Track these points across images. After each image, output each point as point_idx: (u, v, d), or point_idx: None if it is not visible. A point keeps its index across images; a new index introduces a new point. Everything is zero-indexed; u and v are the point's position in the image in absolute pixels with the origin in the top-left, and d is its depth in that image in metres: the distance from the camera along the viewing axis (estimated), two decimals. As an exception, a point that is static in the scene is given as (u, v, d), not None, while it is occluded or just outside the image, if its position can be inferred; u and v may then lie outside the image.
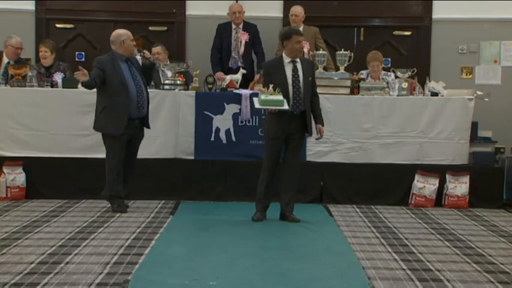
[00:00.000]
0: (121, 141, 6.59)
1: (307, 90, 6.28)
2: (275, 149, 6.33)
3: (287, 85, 6.23)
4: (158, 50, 8.33)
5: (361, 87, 7.63)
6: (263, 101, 6.18)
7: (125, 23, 9.30)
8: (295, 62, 6.31)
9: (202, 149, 7.45)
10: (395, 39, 9.51)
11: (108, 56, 6.67)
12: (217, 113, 7.43)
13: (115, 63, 6.57)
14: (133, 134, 6.68)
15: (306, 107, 6.27)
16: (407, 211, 7.13)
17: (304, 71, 6.30)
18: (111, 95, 6.51)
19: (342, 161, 7.51)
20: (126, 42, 6.66)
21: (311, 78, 6.33)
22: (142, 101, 6.65)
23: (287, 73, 6.27)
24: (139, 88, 6.64)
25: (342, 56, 7.71)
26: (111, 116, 6.51)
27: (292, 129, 6.27)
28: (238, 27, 8.68)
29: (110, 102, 6.51)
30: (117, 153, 6.61)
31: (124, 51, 6.66)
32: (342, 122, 7.50)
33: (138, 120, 6.69)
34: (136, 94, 6.60)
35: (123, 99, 6.51)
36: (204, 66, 8.42)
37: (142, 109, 6.67)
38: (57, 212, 6.62)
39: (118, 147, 6.61)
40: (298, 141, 6.36)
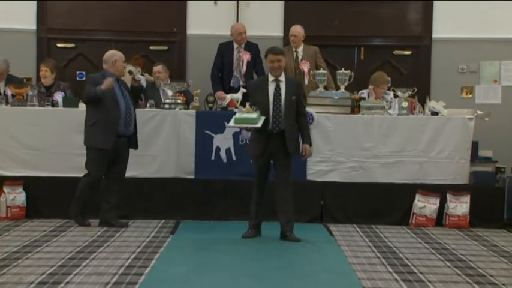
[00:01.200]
0: (106, 156, 6.72)
1: (288, 110, 6.32)
2: (260, 167, 6.40)
3: (268, 104, 6.31)
4: (159, 69, 8.39)
5: (362, 106, 7.67)
6: (236, 119, 6.30)
7: (126, 43, 9.41)
8: (278, 81, 6.38)
9: (202, 168, 7.48)
10: (396, 58, 9.56)
11: (100, 74, 6.89)
12: (217, 132, 7.46)
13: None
14: (118, 152, 6.81)
15: (286, 126, 6.31)
16: (408, 231, 7.14)
17: (288, 90, 6.35)
18: (102, 110, 6.69)
19: (343, 180, 7.52)
20: (117, 63, 6.90)
21: (295, 97, 6.36)
22: (130, 119, 6.85)
23: (269, 92, 6.34)
24: (128, 106, 6.86)
25: (342, 75, 7.76)
26: (101, 130, 6.69)
27: (273, 148, 6.33)
28: (241, 47, 8.73)
29: (101, 117, 6.69)
30: (100, 168, 6.77)
31: (115, 71, 6.89)
32: (342, 141, 7.53)
33: (124, 138, 6.82)
34: (125, 112, 6.79)
35: (114, 115, 6.72)
36: (204, 85, 8.47)
37: (130, 127, 6.86)
38: (57, 232, 6.63)
39: (102, 162, 6.75)
40: (284, 160, 6.37)
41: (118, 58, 6.91)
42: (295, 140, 6.38)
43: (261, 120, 6.21)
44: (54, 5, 9.42)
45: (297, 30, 8.62)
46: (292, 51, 8.67)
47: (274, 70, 6.38)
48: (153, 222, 7.19)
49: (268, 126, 6.29)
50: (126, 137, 6.89)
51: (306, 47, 8.68)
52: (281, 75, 6.40)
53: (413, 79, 9.24)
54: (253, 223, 6.50)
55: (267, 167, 6.42)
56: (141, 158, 7.39)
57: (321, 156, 7.51)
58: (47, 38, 9.44)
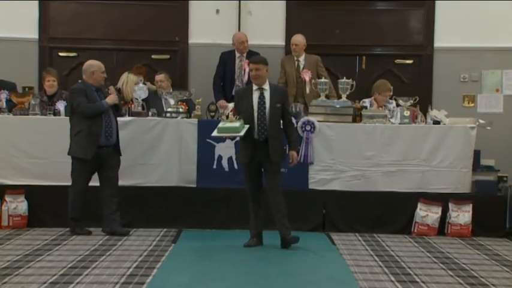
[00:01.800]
0: (88, 165, 6.83)
1: (273, 118, 6.39)
2: (249, 175, 6.48)
3: (252, 112, 6.40)
4: (161, 77, 8.41)
5: (363, 115, 7.68)
6: (219, 129, 6.44)
7: (128, 51, 9.44)
8: (262, 89, 6.46)
9: (204, 176, 7.49)
10: (397, 67, 9.58)
11: (82, 84, 7.00)
12: (219, 141, 7.46)
13: (88, 92, 6.90)
14: (102, 161, 6.89)
15: (270, 134, 6.37)
16: (410, 240, 7.14)
17: (272, 98, 6.42)
18: (86, 121, 6.82)
19: (344, 189, 7.53)
20: (95, 74, 7.02)
21: (280, 105, 6.42)
22: (111, 131, 6.97)
23: (253, 100, 6.43)
24: (108, 118, 6.97)
25: (343, 84, 7.78)
26: (84, 140, 6.82)
27: (260, 156, 6.41)
28: (242, 56, 8.75)
29: (84, 128, 6.82)
30: (83, 177, 6.89)
31: (93, 81, 7.01)
32: (344, 150, 7.54)
33: (107, 148, 6.93)
34: (105, 124, 6.91)
35: (97, 126, 6.85)
36: (206, 94, 8.49)
37: (111, 138, 6.98)
38: (59, 241, 6.64)
39: (84, 172, 6.88)
40: (271, 167, 6.42)
41: (96, 69, 7.01)
42: (279, 148, 6.45)
43: (244, 129, 6.33)
44: (56, 14, 9.45)
45: (299, 39, 8.64)
46: (293, 60, 8.70)
47: (254, 78, 6.50)
48: (155, 230, 7.20)
49: (254, 134, 6.38)
50: (109, 147, 6.97)
51: (308, 56, 8.71)
52: (265, 84, 6.49)
53: (415, 88, 9.23)
54: (254, 232, 6.54)
55: (257, 174, 6.49)
56: (143, 167, 7.41)
57: (322, 165, 7.53)
58: (49, 47, 9.46)
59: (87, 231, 6.93)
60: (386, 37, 9.49)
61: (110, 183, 6.98)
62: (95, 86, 7.00)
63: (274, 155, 6.37)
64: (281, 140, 6.49)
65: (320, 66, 8.71)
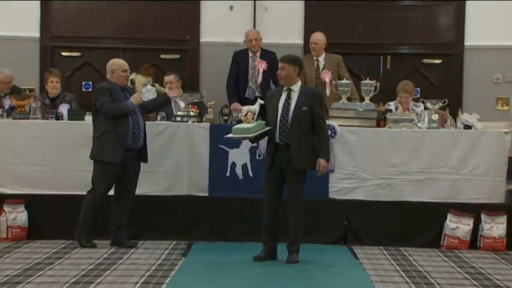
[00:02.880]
0: (113, 170, 6.79)
1: (296, 121, 6.37)
2: (269, 181, 6.47)
3: (276, 114, 6.43)
4: (171, 79, 8.42)
5: (388, 119, 7.66)
6: (234, 130, 6.51)
7: (135, 51, 9.49)
8: (290, 90, 6.48)
9: (216, 185, 7.50)
10: (425, 67, 9.56)
11: (106, 83, 7.01)
12: (233, 147, 7.48)
13: (113, 91, 6.90)
14: (127, 167, 6.88)
15: (292, 139, 6.34)
16: (439, 254, 7.10)
17: (299, 100, 6.41)
18: (111, 122, 6.80)
19: (368, 198, 7.51)
20: (115, 73, 7.00)
21: (307, 108, 6.39)
22: (139, 132, 6.94)
23: (280, 102, 6.45)
24: (136, 119, 6.94)
25: (367, 85, 7.76)
26: (110, 142, 6.78)
27: (281, 161, 6.40)
28: (256, 55, 8.77)
29: (110, 129, 6.79)
30: (107, 183, 6.86)
31: (116, 80, 7.01)
32: (367, 156, 7.52)
33: (132, 152, 6.89)
34: (134, 124, 6.87)
35: (123, 127, 6.82)
36: (219, 96, 8.51)
37: (138, 140, 6.94)
38: (61, 254, 6.66)
39: (109, 177, 6.84)
40: (292, 175, 6.39)
41: (116, 68, 7.01)
42: (305, 155, 6.39)
43: (258, 131, 6.36)
44: (59, 11, 9.53)
45: (318, 38, 8.64)
46: (312, 60, 8.69)
47: (279, 79, 6.56)
48: (164, 243, 7.20)
49: (276, 137, 6.38)
50: (135, 150, 6.94)
51: (328, 56, 8.71)
52: (294, 85, 6.48)
53: (444, 90, 9.23)
54: (266, 245, 6.51)
55: (276, 181, 6.46)
56: (151, 175, 7.42)
57: (344, 172, 7.51)
58: (51, 46, 9.54)
59: (92, 243, 6.92)
60: (413, 35, 9.49)
61: (128, 194, 6.96)
62: (120, 86, 6.99)
63: (296, 161, 6.34)
64: (307, 147, 6.43)
65: (341, 66, 8.71)
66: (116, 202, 6.95)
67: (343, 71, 8.69)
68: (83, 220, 6.87)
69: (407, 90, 8.11)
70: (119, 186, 6.97)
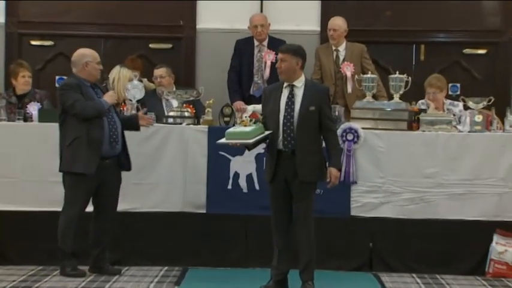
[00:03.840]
0: (89, 184, 6.76)
1: (303, 123, 6.31)
2: (274, 196, 6.43)
3: (278, 115, 6.37)
4: (161, 72, 8.46)
5: (422, 120, 7.67)
6: (228, 134, 6.43)
7: (119, 39, 9.54)
8: (293, 86, 6.42)
9: (216, 200, 7.52)
10: (466, 59, 9.57)
11: (74, 79, 6.93)
12: (236, 154, 7.50)
13: (83, 88, 6.85)
14: (105, 177, 6.84)
15: (299, 145, 6.32)
16: (484, 283, 7.11)
17: (305, 98, 6.38)
18: (82, 126, 6.73)
19: (397, 216, 7.52)
20: (89, 66, 6.94)
21: (315, 107, 6.36)
22: (116, 135, 6.89)
23: (281, 100, 6.41)
24: (112, 119, 6.89)
25: (396, 80, 7.77)
26: (83, 150, 6.71)
27: (286, 172, 6.34)
28: (262, 44, 8.81)
29: (82, 134, 6.72)
30: (82, 200, 6.82)
31: (87, 75, 6.94)
32: (396, 165, 7.53)
33: (110, 159, 6.87)
34: (109, 127, 6.84)
35: (97, 130, 6.76)
36: (219, 93, 8.57)
37: (116, 145, 6.90)
38: (30, 282, 6.66)
39: (84, 192, 6.80)
40: (300, 189, 6.36)
41: (90, 60, 6.95)
42: (312, 164, 6.35)
43: (257, 136, 6.30)
44: (28, -9, 9.59)
45: (337, 24, 8.67)
46: (331, 50, 8.74)
47: (279, 73, 6.50)
48: (153, 269, 7.23)
49: (278, 144, 6.37)
50: (113, 158, 6.95)
51: (350, 45, 8.73)
52: (297, 80, 6.44)
53: (489, 85, 9.23)
54: (276, 272, 6.49)
55: (283, 197, 6.41)
56: (137, 188, 7.45)
57: (369, 185, 7.52)
58: (18, 33, 9.57)
59: (80, 271, 6.85)
60: (452, 20, 9.50)
61: (109, 209, 6.94)
62: (90, 82, 6.97)
63: (303, 172, 6.31)
64: (316, 154, 6.40)
65: (365, 57, 8.73)
66: (95, 220, 6.95)
67: (368, 63, 8.71)
68: (61, 247, 6.84)
69: (433, 84, 8.11)
70: (97, 201, 6.96)
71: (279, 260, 6.49)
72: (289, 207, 6.45)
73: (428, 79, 8.23)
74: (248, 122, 6.43)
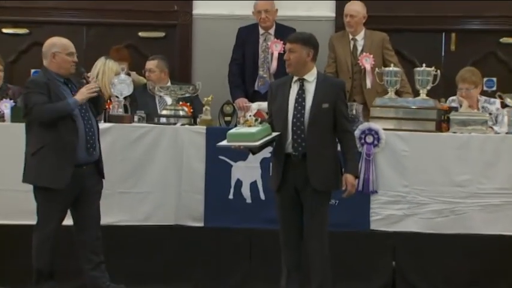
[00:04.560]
0: (62, 197, 6.64)
1: (315, 123, 6.27)
2: (282, 207, 6.42)
3: (286, 114, 6.35)
4: (151, 66, 8.45)
5: (453, 120, 7.67)
6: (230, 136, 6.37)
7: (104, 27, 9.56)
8: (303, 81, 6.40)
9: (215, 211, 7.53)
10: (504, 49, 9.58)
11: (43, 75, 6.80)
12: (238, 159, 7.51)
13: (54, 86, 6.68)
14: (82, 187, 6.74)
15: (311, 148, 6.28)
16: (526, 307, 7.14)
17: (318, 94, 6.35)
18: (51, 131, 6.60)
19: (424, 230, 7.52)
20: (57, 58, 6.75)
21: (328, 105, 6.32)
22: (94, 140, 6.74)
23: (290, 97, 6.39)
24: (88, 121, 6.73)
25: (423, 74, 7.76)
26: (51, 159, 6.58)
27: (296, 180, 6.31)
28: (268, 33, 8.83)
29: (49, 140, 6.60)
30: (55, 216, 6.69)
31: (57, 68, 6.77)
32: (423, 172, 7.52)
33: (88, 166, 6.78)
34: (85, 130, 6.70)
35: (69, 134, 6.61)
36: (219, 89, 8.58)
37: (94, 151, 6.75)
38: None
39: (57, 207, 6.68)
40: (313, 199, 6.32)
41: (60, 49, 6.76)
42: (325, 169, 6.31)
43: (264, 138, 6.26)
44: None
45: (355, 9, 8.69)
46: (347, 39, 8.76)
47: (287, 65, 6.47)
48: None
49: (287, 147, 6.34)
50: (91, 164, 6.82)
51: (369, 34, 8.74)
52: (308, 73, 6.40)
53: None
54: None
55: (292, 208, 6.39)
56: (124, 197, 7.46)
57: (391, 194, 7.53)
58: (-13, 20, 9.62)
59: None
60: (488, 5, 9.48)
61: (91, 220, 6.83)
62: (63, 77, 6.81)
63: (315, 179, 6.28)
64: (331, 159, 6.37)
65: (387, 48, 8.75)
66: (77, 236, 6.83)
67: (390, 54, 8.73)
68: (36, 267, 6.75)
69: (466, 79, 8.10)
70: (77, 214, 6.82)
71: (288, 281, 6.49)
72: (300, 220, 6.42)
73: (460, 73, 8.22)
74: (253, 121, 6.39)
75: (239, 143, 6.35)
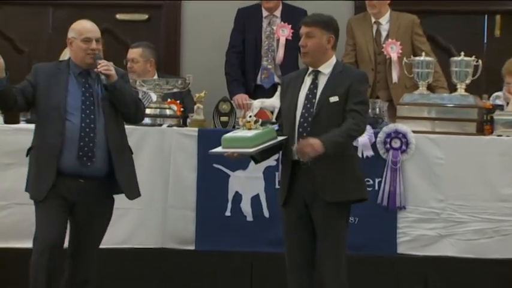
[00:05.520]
0: (49, 210, 6.58)
1: (322, 119, 6.20)
2: (290, 227, 6.36)
3: (294, 113, 6.29)
4: (134, 55, 8.49)
5: (497, 121, 7.67)
6: (226, 140, 6.30)
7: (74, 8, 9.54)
8: (317, 73, 6.34)
9: (209, 231, 7.57)
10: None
11: (56, 64, 6.85)
12: (237, 168, 7.54)
13: (60, 78, 6.67)
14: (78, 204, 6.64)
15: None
16: None
17: (327, 86, 6.28)
18: (38, 131, 6.66)
19: (462, 254, 7.54)
20: (74, 44, 6.73)
21: (339, 98, 6.18)
22: (91, 147, 6.59)
23: (300, 93, 6.34)
24: (90, 124, 6.62)
25: (461, 65, 7.78)
26: (33, 166, 6.64)
27: (306, 192, 6.23)
28: (273, 15, 8.86)
29: (36, 143, 6.64)
30: (49, 229, 6.57)
31: (75, 58, 6.74)
32: (461, 184, 7.55)
33: (87, 181, 6.64)
34: (80, 133, 6.60)
35: (54, 139, 6.54)
36: (213, 83, 8.64)
37: (88, 161, 6.59)
38: None
39: (46, 222, 6.60)
40: (324, 212, 6.23)
41: (77, 35, 6.67)
42: (339, 176, 6.20)
43: (262, 142, 6.18)
44: None
45: (379, -15, 8.73)
46: (369, 23, 8.80)
47: (302, 54, 6.41)
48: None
49: (294, 153, 6.22)
50: (93, 179, 6.65)
51: (396, 16, 8.75)
52: (324, 64, 6.34)
53: None
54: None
55: (301, 226, 6.32)
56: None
57: (422, 211, 7.55)
58: None
59: None
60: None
61: (84, 256, 6.76)
62: (81, 68, 6.68)
63: (325, 189, 6.19)
64: (345, 164, 6.30)
65: (417, 33, 8.77)
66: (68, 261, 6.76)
67: (421, 40, 8.75)
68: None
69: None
70: (72, 234, 6.75)
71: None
72: (311, 240, 6.37)
73: (506, 64, 8.21)
74: (253, 123, 6.35)
75: (233, 150, 6.28)
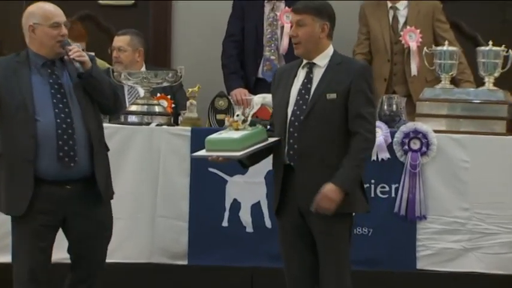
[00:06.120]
0: (31, 230, 6.52)
1: (315, 119, 6.16)
2: (285, 239, 6.35)
3: (285, 110, 6.25)
4: (121, 43, 8.50)
5: (530, 119, 7.71)
6: (210, 142, 6.29)
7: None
8: (312, 65, 6.33)
9: (204, 244, 7.59)
10: None
11: (13, 57, 6.74)
12: (234, 172, 7.54)
13: (21, 73, 6.59)
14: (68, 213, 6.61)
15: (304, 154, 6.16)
16: None
17: (323, 81, 6.25)
18: (7, 135, 6.56)
19: (490, 270, 7.54)
20: (38, 30, 6.65)
21: (336, 95, 6.16)
22: (71, 145, 6.50)
23: (293, 88, 6.31)
24: (66, 119, 6.53)
25: (489, 55, 7.78)
26: (6, 176, 6.53)
27: (300, 200, 6.19)
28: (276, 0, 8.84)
29: (6, 148, 6.55)
30: (28, 251, 6.54)
31: (38, 47, 6.64)
32: (489, 190, 7.56)
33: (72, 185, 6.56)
34: (57, 131, 6.51)
35: (27, 140, 6.46)
36: (208, 76, 8.69)
37: (71, 162, 6.52)
38: None
39: (28, 241, 6.57)
40: (321, 223, 6.18)
41: (40, 20, 6.55)
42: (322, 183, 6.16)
43: (250, 145, 6.16)
44: None
45: (396, -36, 8.74)
46: (385, 8, 8.81)
47: (295, 45, 6.37)
48: None
49: (284, 156, 6.23)
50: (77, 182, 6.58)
51: (415, 2, 8.73)
52: (320, 54, 6.30)
53: None
54: None
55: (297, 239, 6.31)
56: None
57: (446, 221, 7.56)
58: None
59: None
60: None
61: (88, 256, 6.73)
62: (45, 58, 6.59)
63: (306, 196, 6.11)
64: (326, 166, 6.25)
65: (439, 20, 8.81)
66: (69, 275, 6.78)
67: (444, 28, 8.77)
68: None
69: None
70: (70, 247, 6.76)
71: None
72: (311, 254, 6.35)
73: None
74: (240, 123, 6.31)
75: (217, 153, 6.27)
